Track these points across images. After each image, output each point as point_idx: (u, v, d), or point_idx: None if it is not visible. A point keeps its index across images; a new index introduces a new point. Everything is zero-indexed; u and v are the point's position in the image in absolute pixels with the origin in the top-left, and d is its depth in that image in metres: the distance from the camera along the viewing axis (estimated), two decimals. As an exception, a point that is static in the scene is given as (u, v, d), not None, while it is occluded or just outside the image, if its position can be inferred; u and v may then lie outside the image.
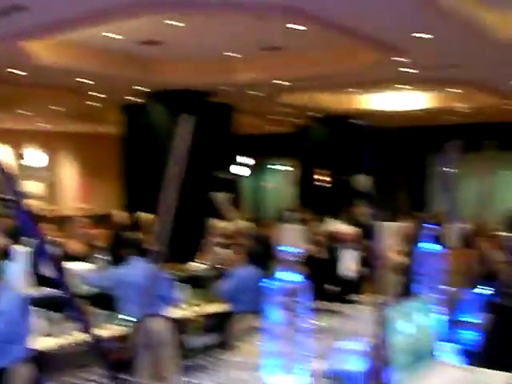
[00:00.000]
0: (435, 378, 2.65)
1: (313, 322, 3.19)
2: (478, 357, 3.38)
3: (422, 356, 2.74)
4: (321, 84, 17.61)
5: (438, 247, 3.56)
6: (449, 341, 3.55)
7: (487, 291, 4.58)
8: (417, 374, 2.65)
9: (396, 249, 9.24)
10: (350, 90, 19.39)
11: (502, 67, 14.74)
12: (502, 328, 2.78)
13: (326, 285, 9.61)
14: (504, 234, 9.26)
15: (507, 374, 2.83)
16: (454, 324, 3.94)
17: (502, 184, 24.39)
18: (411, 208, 20.81)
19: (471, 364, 3.10)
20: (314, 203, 20.55)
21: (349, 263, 9.97)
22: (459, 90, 18.72)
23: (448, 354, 3.24)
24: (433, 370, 2.74)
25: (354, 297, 8.46)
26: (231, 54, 15.08)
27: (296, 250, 2.53)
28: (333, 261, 10.15)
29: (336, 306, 3.31)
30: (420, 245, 3.56)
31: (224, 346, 8.12)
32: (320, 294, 7.83)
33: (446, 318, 3.76)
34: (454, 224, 6.03)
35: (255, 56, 15.32)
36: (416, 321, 2.76)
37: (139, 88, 17.19)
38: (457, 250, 5.48)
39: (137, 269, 7.91)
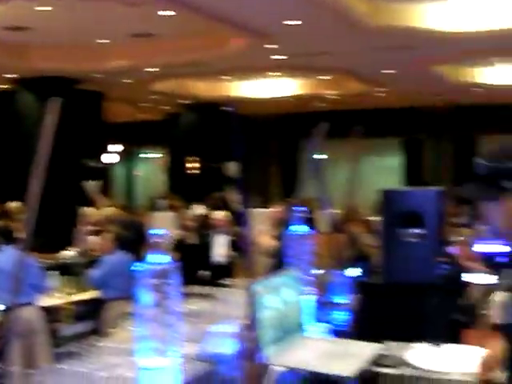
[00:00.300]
0: (303, 351, 2.70)
1: (185, 305, 3.19)
2: (347, 335, 3.45)
3: (290, 330, 2.78)
4: (192, 71, 17.58)
5: (307, 229, 3.60)
6: (319, 321, 3.61)
7: (357, 273, 4.69)
8: (285, 347, 2.68)
9: (267, 233, 9.35)
10: (222, 77, 19.45)
11: (373, 55, 15.06)
12: (370, 305, 2.85)
13: (198, 270, 9.63)
14: (373, 218, 9.51)
15: (374, 344, 2.92)
16: (325, 305, 4.01)
17: (371, 169, 25.01)
18: (283, 194, 21.09)
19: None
20: (185, 190, 20.56)
21: (221, 248, 10.03)
22: (330, 77, 19.04)
23: (318, 333, 3.30)
24: (301, 344, 2.79)
25: (226, 281, 8.51)
26: (102, 41, 14.86)
27: (166, 234, 2.52)
28: (204, 246, 10.19)
29: (208, 290, 3.32)
30: (290, 228, 3.60)
31: (97, 332, 8.05)
32: (192, 279, 7.85)
33: (316, 299, 3.83)
34: (325, 209, 6.12)
35: (126, 43, 15.16)
36: (284, 296, 2.79)
37: (7, 75, 16.76)
38: (328, 234, 5.57)
39: (6, 257, 7.75)
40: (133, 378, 2.55)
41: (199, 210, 12.08)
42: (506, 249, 2.83)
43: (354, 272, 4.64)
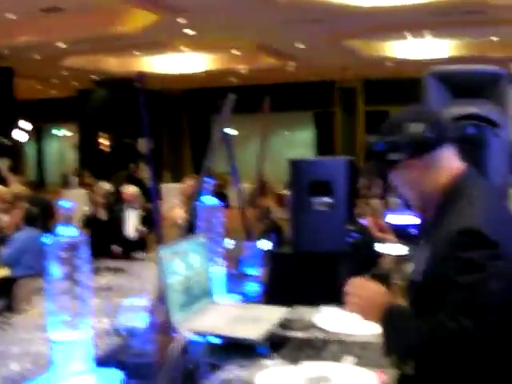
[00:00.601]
0: (211, 316, 2.73)
1: (97, 279, 3.19)
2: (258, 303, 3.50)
3: (198, 296, 2.82)
4: (102, 46, 17.38)
5: (217, 201, 3.63)
6: (231, 293, 3.65)
7: (269, 245, 4.74)
8: (193, 313, 2.72)
9: (179, 207, 9.35)
10: (134, 52, 19.26)
11: (285, 29, 15.09)
12: (279, 275, 2.90)
13: (110, 245, 9.59)
14: (285, 192, 9.61)
15: (283, 308, 2.99)
16: (237, 277, 4.05)
17: (283, 144, 25.14)
18: (196, 169, 21.08)
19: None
20: (97, 167, 20.40)
21: (133, 223, 10.01)
22: (241, 52, 19.05)
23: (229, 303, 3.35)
24: (209, 310, 2.83)
25: (139, 255, 8.50)
26: (9, 16, 14.52)
27: (73, 206, 2.51)
28: (116, 221, 10.15)
29: (120, 264, 3.32)
30: (201, 200, 3.62)
31: (9, 310, 7.95)
32: (104, 254, 7.82)
33: (227, 271, 3.87)
34: (236, 184, 6.16)
35: (34, 17, 14.84)
36: (192, 261, 2.82)
37: None
38: (240, 208, 5.61)
39: None
40: (46, 353, 2.55)
41: (106, 186, 12.00)
42: (417, 220, 2.92)
43: (266, 244, 4.69)
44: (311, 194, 4.20)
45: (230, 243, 4.33)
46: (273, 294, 3.40)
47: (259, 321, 2.62)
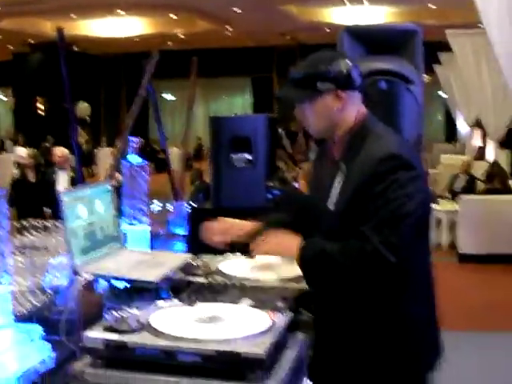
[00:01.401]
0: (114, 260, 2.76)
1: (23, 238, 3.18)
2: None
3: (103, 241, 2.84)
4: (38, 9, 17.12)
5: (141, 160, 3.63)
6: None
7: (197, 204, 4.76)
8: (96, 257, 2.74)
9: (110, 168, 9.32)
10: (70, 15, 19.00)
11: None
12: (200, 229, 2.94)
13: (41, 207, 9.50)
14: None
15: (186, 254, 3.07)
16: (165, 237, 4.07)
17: (222, 108, 25.16)
18: (134, 133, 20.95)
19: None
20: (33, 130, 20.19)
21: (63, 185, 9.93)
22: (177, 16, 18.94)
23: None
24: (115, 254, 2.86)
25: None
26: None
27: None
28: (47, 183, 10.07)
29: (47, 223, 3.31)
30: (127, 159, 3.61)
31: None
32: (36, 216, 7.76)
33: (156, 231, 3.91)
34: (164, 146, 6.18)
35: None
36: (96, 207, 2.84)
37: None
38: (168, 170, 5.63)
39: None
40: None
41: (21, 151, 11.98)
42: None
43: (196, 204, 4.71)
44: (232, 150, 4.22)
45: (157, 204, 4.35)
46: (194, 249, 3.42)
47: (161, 265, 2.65)
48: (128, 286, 2.61)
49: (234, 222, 3.00)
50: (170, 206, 4.56)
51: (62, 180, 9.97)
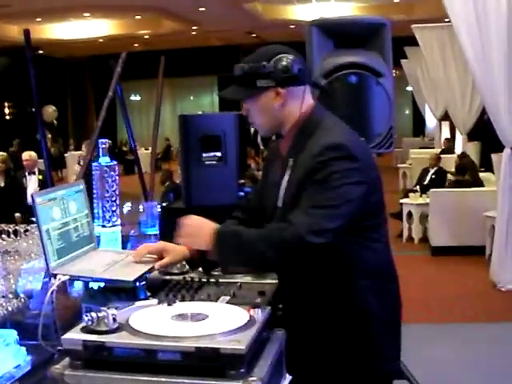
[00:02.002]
0: (89, 261, 2.75)
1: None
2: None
3: (77, 242, 2.82)
4: (2, 12, 16.98)
5: (110, 160, 3.61)
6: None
7: (165, 204, 4.75)
8: (71, 258, 2.73)
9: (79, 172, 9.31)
10: (36, 19, 18.87)
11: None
12: (171, 229, 2.92)
13: (12, 212, 9.45)
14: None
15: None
16: (135, 237, 4.05)
17: (189, 108, 25.11)
18: (102, 134, 20.87)
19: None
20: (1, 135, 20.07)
21: (33, 188, 9.90)
22: (142, 16, 18.88)
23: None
24: (89, 255, 2.85)
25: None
26: None
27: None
28: (17, 187, 10.04)
29: (20, 228, 3.27)
30: (98, 161, 3.59)
31: None
32: (6, 221, 7.70)
33: (128, 232, 3.89)
34: (134, 147, 6.15)
35: None
36: (69, 208, 2.81)
37: None
38: (139, 171, 5.60)
39: None
40: None
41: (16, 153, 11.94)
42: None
43: (164, 204, 4.70)
44: (202, 148, 4.20)
45: (128, 206, 4.32)
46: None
47: (136, 265, 2.64)
48: (104, 286, 2.60)
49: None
50: (140, 207, 4.53)
51: (31, 183, 9.94)
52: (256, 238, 2.47)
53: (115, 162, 3.73)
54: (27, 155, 10.29)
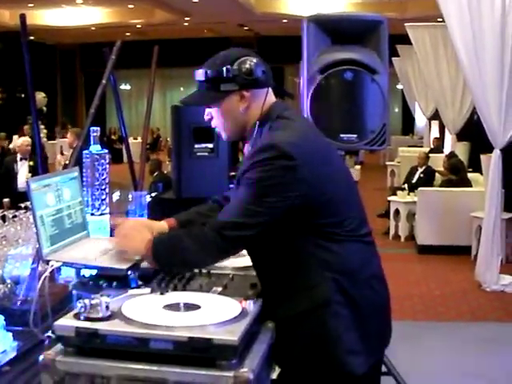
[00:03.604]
0: (82, 248, 2.75)
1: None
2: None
3: (71, 229, 2.82)
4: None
5: (100, 148, 3.60)
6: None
7: (158, 194, 4.74)
8: (64, 245, 2.73)
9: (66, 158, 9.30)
10: (28, 5, 18.78)
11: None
12: (161, 216, 2.92)
13: (3, 198, 9.43)
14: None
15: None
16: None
17: (179, 99, 24.95)
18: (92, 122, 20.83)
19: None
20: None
21: (25, 174, 9.89)
22: (134, 6, 18.82)
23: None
24: (83, 243, 2.85)
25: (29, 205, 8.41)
26: None
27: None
28: (8, 174, 10.03)
29: (9, 214, 3.26)
30: (88, 148, 3.58)
31: None
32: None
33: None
34: (125, 137, 6.14)
35: None
36: (63, 195, 2.81)
37: None
38: (129, 161, 5.59)
39: None
40: None
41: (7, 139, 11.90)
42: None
43: (156, 194, 4.69)
44: (193, 140, 4.19)
45: (117, 194, 4.32)
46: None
47: (128, 253, 2.64)
48: (96, 274, 2.60)
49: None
50: (129, 196, 4.52)
51: (23, 169, 9.94)
52: (186, 238, 2.47)
53: (106, 151, 3.72)
54: (19, 141, 10.30)
